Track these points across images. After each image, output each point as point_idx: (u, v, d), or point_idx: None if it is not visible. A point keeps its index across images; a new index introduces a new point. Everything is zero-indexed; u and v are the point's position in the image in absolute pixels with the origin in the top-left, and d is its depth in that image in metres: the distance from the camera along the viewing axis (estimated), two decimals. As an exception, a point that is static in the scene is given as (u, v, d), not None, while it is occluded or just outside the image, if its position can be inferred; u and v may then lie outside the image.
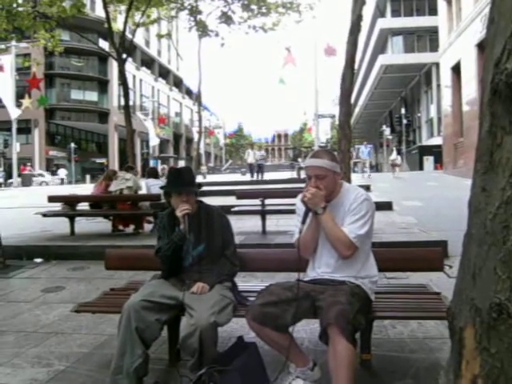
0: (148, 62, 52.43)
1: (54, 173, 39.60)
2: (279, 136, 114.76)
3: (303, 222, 2.54)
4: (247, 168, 23.18)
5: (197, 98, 21.60)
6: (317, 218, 2.52)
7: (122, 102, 14.43)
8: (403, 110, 41.72)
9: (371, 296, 2.61)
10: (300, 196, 2.61)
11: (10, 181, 33.03)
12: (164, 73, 57.33)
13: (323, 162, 2.54)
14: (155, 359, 2.89)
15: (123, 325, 2.51)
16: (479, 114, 1.30)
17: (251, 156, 22.62)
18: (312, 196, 2.47)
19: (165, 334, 2.94)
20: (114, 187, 8.59)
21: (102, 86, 46.09)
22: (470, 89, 18.82)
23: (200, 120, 19.53)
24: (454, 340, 1.33)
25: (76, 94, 45.25)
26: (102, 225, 8.94)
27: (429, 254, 3.16)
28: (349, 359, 2.15)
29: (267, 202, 7.70)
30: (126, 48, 13.93)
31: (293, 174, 23.05)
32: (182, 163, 48.51)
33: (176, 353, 2.93)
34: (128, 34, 16.16)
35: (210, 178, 26.68)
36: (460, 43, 20.65)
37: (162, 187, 3.07)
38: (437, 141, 32.69)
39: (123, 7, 13.67)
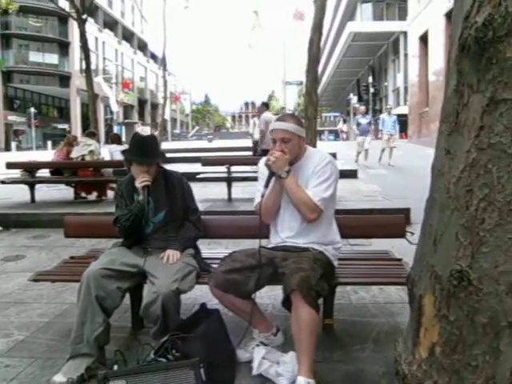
0: (111, 24, 50.34)
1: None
2: (246, 104, 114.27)
3: (266, 186, 2.51)
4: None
5: (162, 61, 20.74)
6: (280, 182, 2.50)
7: (84, 66, 13.88)
8: (370, 79, 41.75)
9: (334, 262, 2.62)
10: (263, 160, 2.58)
11: None
12: (128, 35, 55.27)
13: (289, 125, 2.50)
14: (118, 327, 2.85)
15: (83, 293, 2.44)
16: (445, 73, 1.22)
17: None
18: (276, 159, 2.44)
19: (128, 302, 2.91)
20: (75, 153, 8.40)
21: (63, 48, 44.03)
22: (437, 59, 18.96)
23: (165, 85, 18.86)
24: (413, 307, 1.30)
25: (35, 57, 43.10)
26: (64, 192, 8.70)
27: (391, 221, 3.20)
28: (311, 324, 2.17)
29: (233, 168, 7.63)
30: (86, 8, 13.31)
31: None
32: (147, 129, 47.55)
33: (139, 321, 2.89)
34: (89, -7, 15.40)
35: (175, 145, 25.54)
36: (428, 12, 20.64)
37: (123, 152, 2.95)
38: (403, 110, 32.95)
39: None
